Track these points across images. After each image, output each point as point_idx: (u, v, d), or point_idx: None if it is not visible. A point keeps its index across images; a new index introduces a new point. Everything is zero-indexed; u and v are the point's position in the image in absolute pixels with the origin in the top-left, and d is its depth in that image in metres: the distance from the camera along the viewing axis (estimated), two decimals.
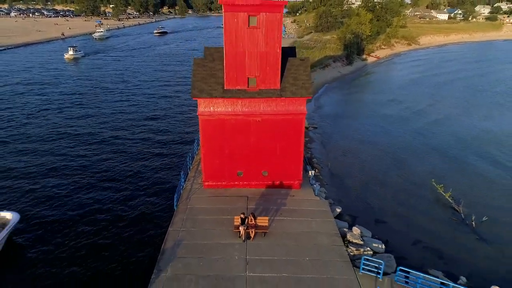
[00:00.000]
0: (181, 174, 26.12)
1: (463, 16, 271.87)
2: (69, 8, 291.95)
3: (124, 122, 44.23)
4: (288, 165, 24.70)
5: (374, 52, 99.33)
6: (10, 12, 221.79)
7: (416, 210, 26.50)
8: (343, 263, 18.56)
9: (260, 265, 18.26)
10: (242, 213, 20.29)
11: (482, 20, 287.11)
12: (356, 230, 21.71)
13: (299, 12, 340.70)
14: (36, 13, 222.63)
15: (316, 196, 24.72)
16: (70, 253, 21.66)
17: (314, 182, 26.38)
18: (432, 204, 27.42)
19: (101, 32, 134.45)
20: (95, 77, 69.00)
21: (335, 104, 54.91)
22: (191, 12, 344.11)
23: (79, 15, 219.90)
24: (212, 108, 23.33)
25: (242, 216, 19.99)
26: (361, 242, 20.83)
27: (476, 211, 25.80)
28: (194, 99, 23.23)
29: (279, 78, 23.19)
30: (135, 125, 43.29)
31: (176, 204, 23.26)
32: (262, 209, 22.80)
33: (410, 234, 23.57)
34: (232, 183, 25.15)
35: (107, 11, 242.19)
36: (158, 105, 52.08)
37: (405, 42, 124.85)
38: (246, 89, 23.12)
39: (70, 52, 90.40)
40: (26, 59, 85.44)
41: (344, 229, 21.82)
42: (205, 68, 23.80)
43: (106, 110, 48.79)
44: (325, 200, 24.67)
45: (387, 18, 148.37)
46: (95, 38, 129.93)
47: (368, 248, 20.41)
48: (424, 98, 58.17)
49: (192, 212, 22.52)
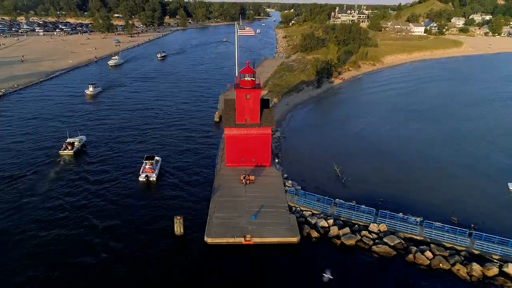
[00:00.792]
0: (216, 161, 56.78)
1: (438, 29, 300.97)
2: (81, 21, 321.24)
3: (180, 146, 74.35)
4: (264, 156, 55.14)
5: (342, 75, 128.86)
6: (34, 29, 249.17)
7: (318, 176, 56.58)
8: (283, 192, 49.07)
9: (251, 193, 48.68)
10: (243, 175, 50.69)
11: (456, 32, 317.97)
12: (289, 182, 52.27)
13: (292, 22, 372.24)
14: (57, 30, 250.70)
15: (277, 170, 55.10)
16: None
17: (276, 164, 56.89)
18: (329, 174, 57.44)
19: (116, 60, 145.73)
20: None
21: (301, 120, 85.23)
22: (192, 22, 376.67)
23: (93, 31, 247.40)
24: (231, 131, 53.65)
25: (243, 175, 50.44)
26: (291, 187, 51.27)
27: (347, 174, 56.24)
28: (223, 127, 53.69)
29: (259, 118, 53.54)
30: (180, 145, 73.51)
31: (215, 172, 53.73)
32: (252, 174, 53.15)
33: (312, 184, 53.70)
34: (238, 164, 55.40)
35: (118, 25, 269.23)
36: (187, 129, 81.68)
37: (370, 63, 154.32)
38: (245, 123, 53.46)
39: (90, 89, 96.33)
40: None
41: (286, 182, 52.22)
42: (227, 113, 54.18)
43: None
44: (280, 172, 55.11)
45: (361, 39, 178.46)
46: (110, 66, 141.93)
47: (293, 188, 50.85)
48: (360, 110, 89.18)
49: (222, 175, 52.94)
